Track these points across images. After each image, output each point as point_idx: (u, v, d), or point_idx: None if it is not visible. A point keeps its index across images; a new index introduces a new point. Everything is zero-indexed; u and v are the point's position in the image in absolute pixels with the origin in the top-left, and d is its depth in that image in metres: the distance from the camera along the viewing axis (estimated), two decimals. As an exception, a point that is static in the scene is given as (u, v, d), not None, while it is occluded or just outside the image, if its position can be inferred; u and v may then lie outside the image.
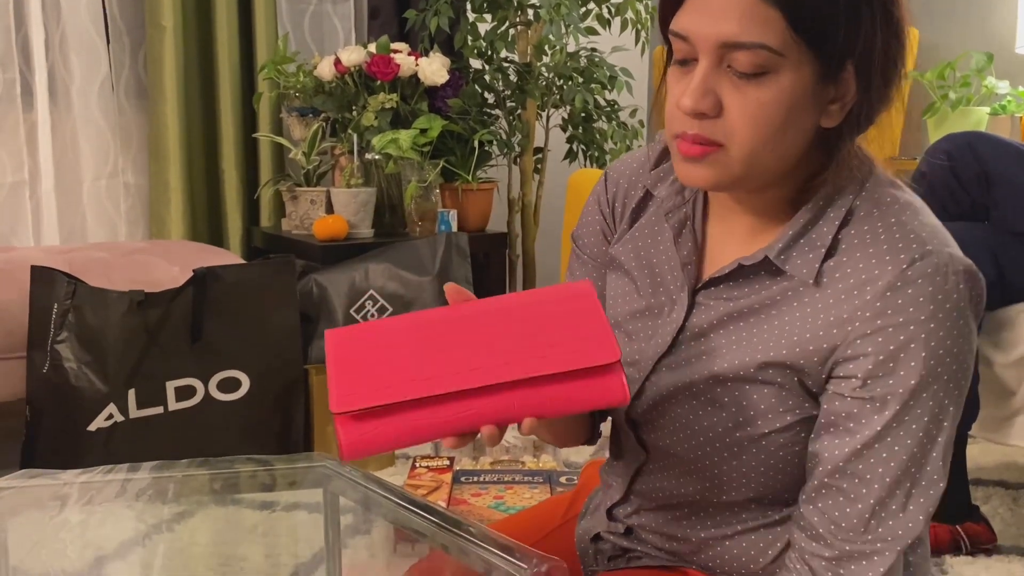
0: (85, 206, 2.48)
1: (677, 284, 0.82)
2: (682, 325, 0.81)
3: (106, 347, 1.69)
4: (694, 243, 0.82)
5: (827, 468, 0.73)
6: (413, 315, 0.73)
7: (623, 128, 2.66)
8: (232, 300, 1.82)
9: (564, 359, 0.66)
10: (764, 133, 0.70)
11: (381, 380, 0.66)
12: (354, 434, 0.66)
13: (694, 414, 0.79)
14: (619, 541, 0.92)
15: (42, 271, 1.73)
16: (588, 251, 0.93)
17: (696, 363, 0.79)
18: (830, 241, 0.74)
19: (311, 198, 2.41)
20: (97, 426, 1.69)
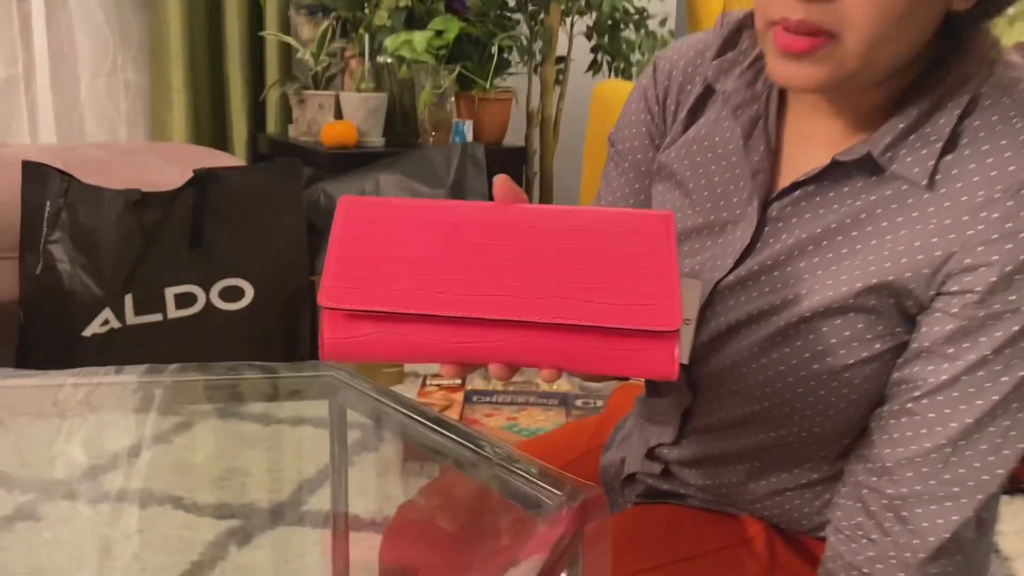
0: (83, 104, 2.37)
1: (744, 196, 0.69)
2: (749, 245, 0.68)
3: (101, 249, 1.60)
4: (767, 147, 0.69)
5: (912, 395, 0.63)
6: (448, 203, 0.58)
7: (652, 38, 2.50)
8: (234, 204, 1.72)
9: (611, 311, 0.53)
10: (888, 19, 0.57)
11: (387, 278, 0.55)
12: (340, 333, 0.55)
13: (759, 348, 0.67)
14: (657, 483, 0.83)
15: (34, 167, 1.63)
16: (630, 157, 0.80)
17: (768, 292, 0.67)
18: (948, 134, 0.61)
19: (319, 102, 2.28)
20: (92, 331, 1.61)
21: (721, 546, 0.77)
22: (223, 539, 1.23)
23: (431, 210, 0.58)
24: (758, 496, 0.76)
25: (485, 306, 0.53)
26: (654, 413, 0.82)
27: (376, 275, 0.55)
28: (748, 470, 0.75)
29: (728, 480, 0.77)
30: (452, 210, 0.57)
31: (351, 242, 0.56)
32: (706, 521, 0.80)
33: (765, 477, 0.74)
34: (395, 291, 0.54)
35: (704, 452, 0.77)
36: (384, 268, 0.55)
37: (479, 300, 0.53)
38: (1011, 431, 0.61)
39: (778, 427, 0.70)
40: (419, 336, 0.54)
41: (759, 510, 0.77)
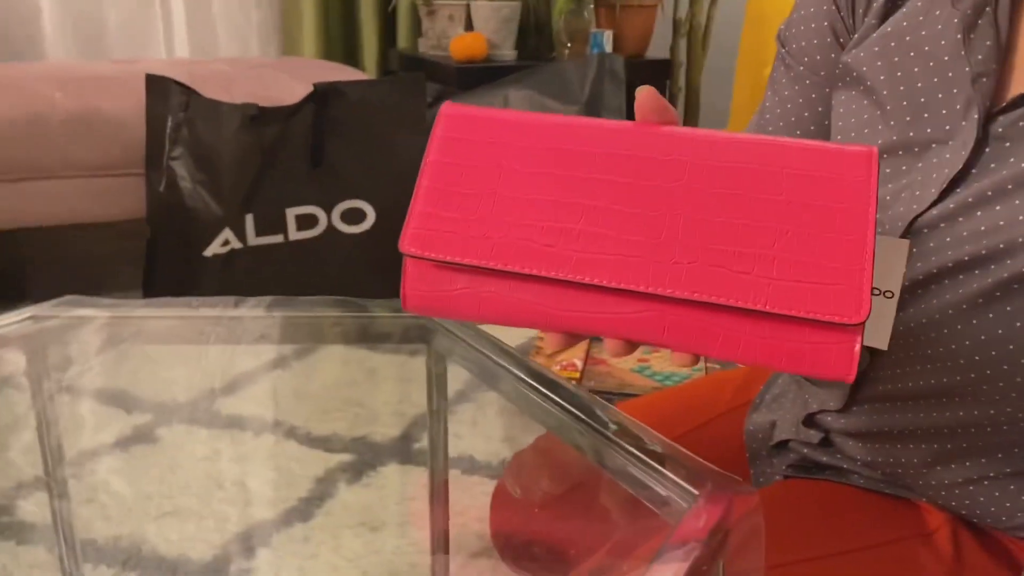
0: (215, 19, 2.33)
1: (959, 106, 0.53)
2: (963, 171, 0.52)
3: (220, 166, 1.55)
4: (996, 43, 0.52)
5: None
6: (574, 121, 0.45)
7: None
8: (356, 121, 1.62)
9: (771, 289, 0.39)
10: None
11: (487, 221, 0.43)
12: (424, 287, 0.44)
13: (969, 304, 0.52)
14: (813, 454, 0.68)
15: (156, 80, 1.59)
16: (806, 59, 0.64)
17: (985, 232, 0.51)
18: None
19: (449, 13, 2.15)
20: (213, 252, 1.58)
21: (892, 538, 0.63)
22: (333, 474, 1.18)
23: (552, 131, 0.44)
24: (944, 483, 0.60)
25: (604, 268, 0.41)
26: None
27: (473, 217, 0.43)
28: (934, 452, 0.60)
29: (908, 460, 0.62)
30: (578, 131, 0.44)
31: (446, 170, 0.44)
32: (874, 506, 0.65)
33: (956, 461, 0.59)
34: (495, 240, 0.42)
35: (879, 425, 0.62)
36: (483, 208, 0.43)
37: (598, 259, 0.41)
38: None
39: (983, 405, 0.54)
40: (521, 298, 0.42)
41: (944, 499, 0.62)
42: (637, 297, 0.40)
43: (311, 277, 1.65)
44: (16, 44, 2.17)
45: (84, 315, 0.63)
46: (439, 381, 0.68)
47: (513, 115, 0.45)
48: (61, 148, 1.60)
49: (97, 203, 1.67)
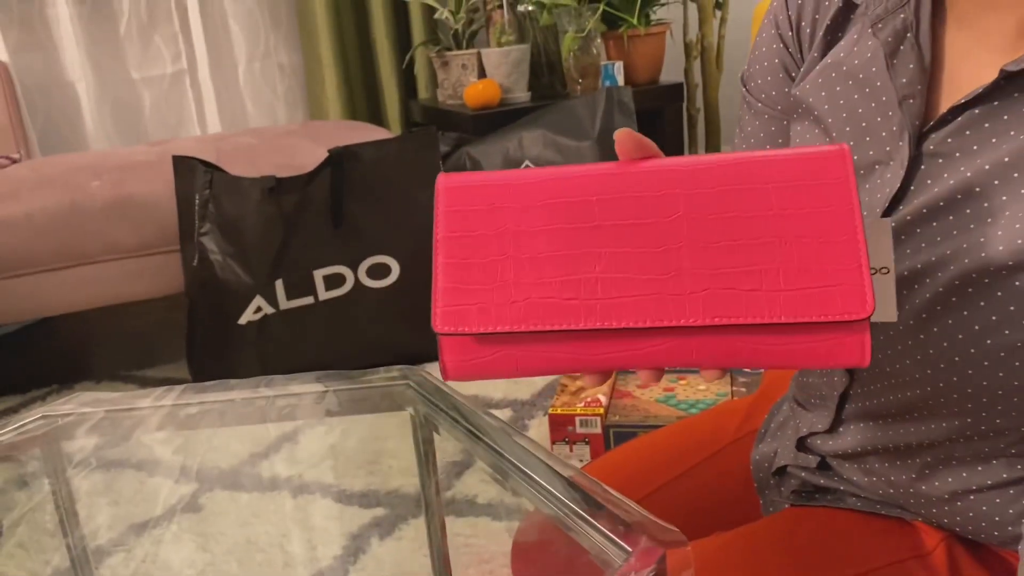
0: (243, 91, 2.44)
1: (895, 128, 0.55)
2: (901, 189, 0.55)
3: (246, 237, 1.62)
4: (919, 64, 0.54)
5: None
6: (563, 172, 0.47)
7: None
8: (373, 179, 1.68)
9: (781, 301, 0.42)
10: None
11: (507, 286, 0.46)
12: (463, 357, 0.47)
13: (923, 315, 0.53)
14: (811, 477, 0.70)
15: (182, 161, 1.67)
16: (763, 96, 0.67)
17: (926, 245, 0.53)
18: None
19: (462, 62, 2.21)
20: (247, 319, 1.65)
21: (890, 560, 0.64)
22: (366, 530, 1.21)
23: (546, 186, 0.47)
24: (935, 499, 0.61)
25: (627, 310, 0.44)
26: (808, 395, 0.69)
27: (494, 284, 0.46)
28: (921, 466, 0.60)
29: (897, 478, 0.62)
30: (571, 182, 0.46)
31: (458, 244, 0.47)
32: (871, 529, 0.66)
33: (942, 475, 0.60)
34: (519, 304, 0.45)
35: (865, 443, 0.63)
36: (501, 273, 0.46)
37: (619, 303, 0.44)
38: None
39: (952, 414, 0.55)
40: (553, 351, 0.45)
41: (937, 516, 0.62)
42: (662, 331, 0.43)
43: (343, 334, 1.70)
44: (62, 136, 2.30)
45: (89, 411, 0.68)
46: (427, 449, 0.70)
47: (506, 177, 0.48)
48: (100, 234, 1.70)
49: (138, 282, 1.76)
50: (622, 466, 0.83)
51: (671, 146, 2.29)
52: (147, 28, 2.34)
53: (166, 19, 2.34)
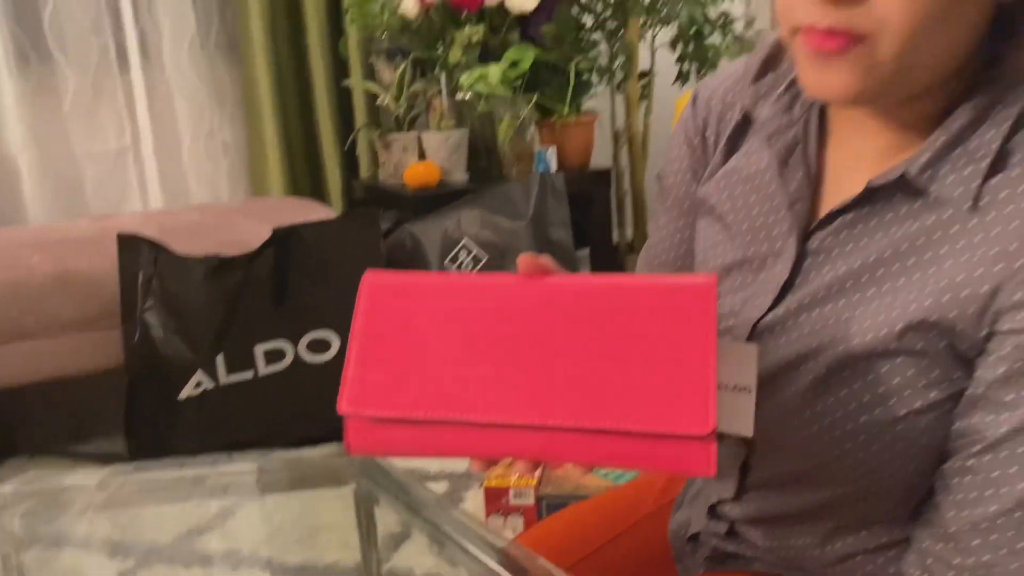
0: (186, 168, 2.48)
1: (783, 228, 0.64)
2: (789, 280, 0.63)
3: (189, 314, 1.66)
4: (806, 174, 0.63)
5: (973, 450, 0.55)
6: (473, 280, 0.56)
7: (739, 42, 2.39)
8: (316, 258, 1.74)
9: (640, 413, 0.49)
10: (925, 17, 0.50)
11: (409, 377, 0.52)
12: (363, 437, 0.53)
13: (806, 396, 0.61)
14: (721, 544, 0.76)
15: (127, 239, 1.71)
16: (674, 193, 0.76)
17: (807, 331, 0.61)
18: (996, 150, 0.54)
19: (403, 144, 2.30)
20: (187, 394, 1.67)
21: None
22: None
23: (457, 292, 0.55)
24: (828, 561, 0.68)
25: (509, 408, 0.51)
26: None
27: (398, 374, 0.53)
28: (814, 531, 0.68)
29: (795, 542, 0.70)
30: (478, 290, 0.55)
31: (372, 336, 0.54)
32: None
33: (832, 541, 0.67)
34: (417, 394, 0.52)
35: (767, 510, 0.70)
36: (406, 366, 0.53)
37: (503, 400, 0.51)
38: None
39: (837, 484, 0.63)
40: (444, 437, 0.52)
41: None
42: (534, 429, 0.50)
43: (282, 408, 1.73)
44: (0, 209, 2.31)
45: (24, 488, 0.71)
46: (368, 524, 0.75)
47: (426, 279, 0.56)
48: (41, 309, 1.71)
49: (78, 357, 1.77)
50: (552, 536, 0.89)
51: (600, 225, 2.41)
52: (92, 104, 2.38)
53: (111, 96, 2.39)
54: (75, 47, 2.33)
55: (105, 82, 2.38)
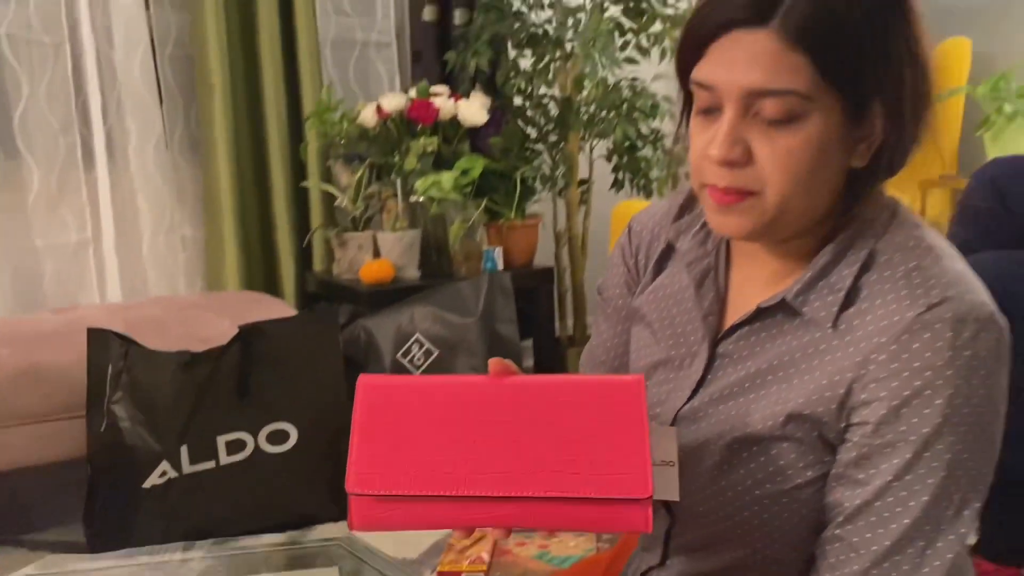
0: (145, 261, 2.57)
1: (698, 336, 0.81)
2: (702, 378, 0.79)
3: (157, 406, 1.74)
4: (716, 294, 0.81)
5: (838, 520, 0.71)
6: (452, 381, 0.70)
7: (668, 155, 2.63)
8: (278, 354, 1.85)
9: (594, 483, 0.64)
10: (797, 178, 0.69)
11: (405, 461, 0.65)
12: (367, 513, 0.66)
13: (716, 471, 0.77)
14: None
15: (97, 333, 1.80)
16: (613, 303, 0.93)
17: (715, 419, 0.77)
18: (849, 285, 0.72)
19: (359, 243, 2.45)
20: (152, 483, 1.74)
21: None
22: None
23: (440, 390, 0.69)
24: None
25: (488, 484, 0.64)
26: (644, 538, 0.90)
27: (395, 459, 0.66)
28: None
29: None
30: (454, 388, 0.69)
31: (371, 428, 0.67)
32: None
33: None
34: (412, 475, 0.65)
35: (688, 572, 0.84)
36: (401, 452, 0.66)
37: (483, 478, 0.64)
38: (927, 551, 0.68)
39: (744, 545, 0.77)
40: (435, 511, 0.65)
41: None
42: (509, 499, 0.64)
43: (242, 496, 1.80)
44: (-44, 299, 2.35)
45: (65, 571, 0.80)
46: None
47: (411, 381, 0.70)
48: (8, 401, 1.77)
49: (40, 447, 1.83)
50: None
51: (545, 319, 2.57)
52: (55, 199, 2.47)
53: (75, 191, 2.48)
54: (43, 145, 2.43)
55: (70, 178, 2.47)
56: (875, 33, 0.67)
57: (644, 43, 2.55)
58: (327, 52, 2.78)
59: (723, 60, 0.69)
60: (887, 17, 0.68)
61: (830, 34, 0.66)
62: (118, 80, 2.49)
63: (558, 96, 2.61)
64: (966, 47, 2.44)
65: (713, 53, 0.70)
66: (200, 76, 2.53)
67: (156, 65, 2.54)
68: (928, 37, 0.72)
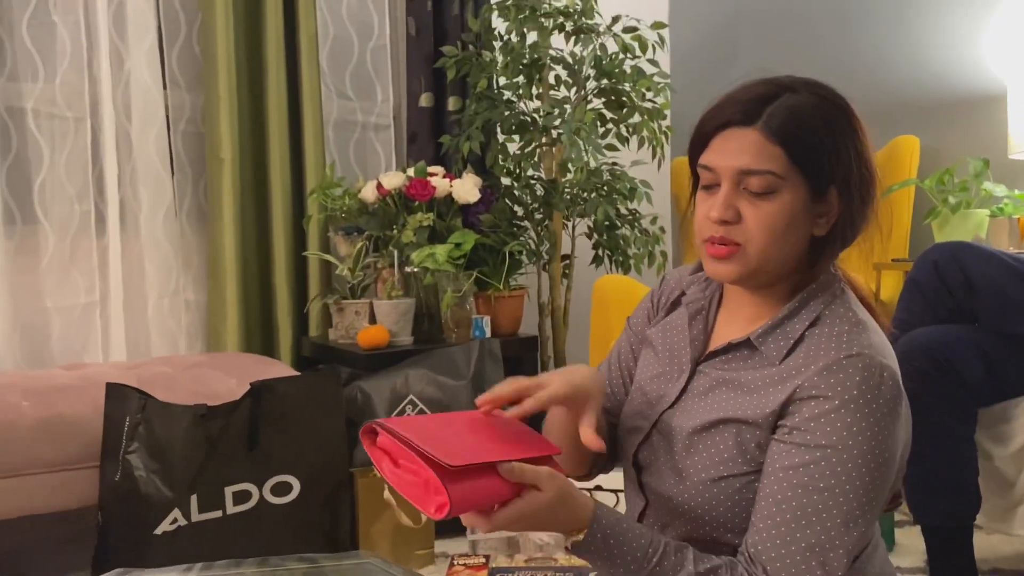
0: (150, 322, 2.69)
1: (686, 358, 1.04)
2: (685, 387, 1.02)
3: (172, 456, 1.86)
4: (704, 326, 1.05)
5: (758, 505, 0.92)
6: (439, 415, 0.95)
7: (645, 234, 2.83)
8: (285, 410, 1.98)
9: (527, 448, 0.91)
10: (772, 235, 0.93)
11: (458, 447, 0.85)
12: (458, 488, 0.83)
13: (678, 457, 0.98)
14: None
15: (116, 388, 1.92)
16: (635, 329, 1.17)
17: (686, 417, 0.99)
18: (799, 335, 0.95)
19: (356, 309, 2.60)
20: (163, 529, 1.84)
21: None
22: None
23: (446, 418, 0.95)
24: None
25: (479, 455, 0.87)
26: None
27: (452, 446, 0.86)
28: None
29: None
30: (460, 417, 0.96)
31: (418, 434, 0.87)
32: None
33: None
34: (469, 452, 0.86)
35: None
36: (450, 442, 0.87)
37: (477, 454, 0.87)
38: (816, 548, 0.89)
39: (699, 524, 0.97)
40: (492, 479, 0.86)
41: None
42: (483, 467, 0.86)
43: (246, 545, 1.90)
44: (-34, 355, 2.45)
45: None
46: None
47: (407, 417, 0.91)
48: (28, 450, 1.88)
49: (53, 495, 1.92)
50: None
51: (528, 387, 2.71)
52: (67, 263, 2.61)
53: (87, 256, 2.62)
54: (59, 212, 2.58)
55: (82, 243, 2.61)
56: (830, 136, 0.94)
57: (624, 132, 2.78)
58: (329, 132, 2.98)
59: (721, 149, 0.95)
60: (840, 126, 0.95)
61: (798, 134, 0.92)
62: (133, 153, 2.67)
63: (544, 178, 2.82)
64: (915, 144, 2.70)
65: (714, 144, 0.96)
66: (210, 151, 2.71)
67: (170, 140, 2.72)
68: (871, 143, 0.97)
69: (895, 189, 2.52)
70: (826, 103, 0.95)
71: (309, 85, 2.82)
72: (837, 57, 3.00)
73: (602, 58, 2.70)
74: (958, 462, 1.57)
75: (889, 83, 2.89)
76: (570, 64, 2.74)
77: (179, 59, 2.77)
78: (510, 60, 2.69)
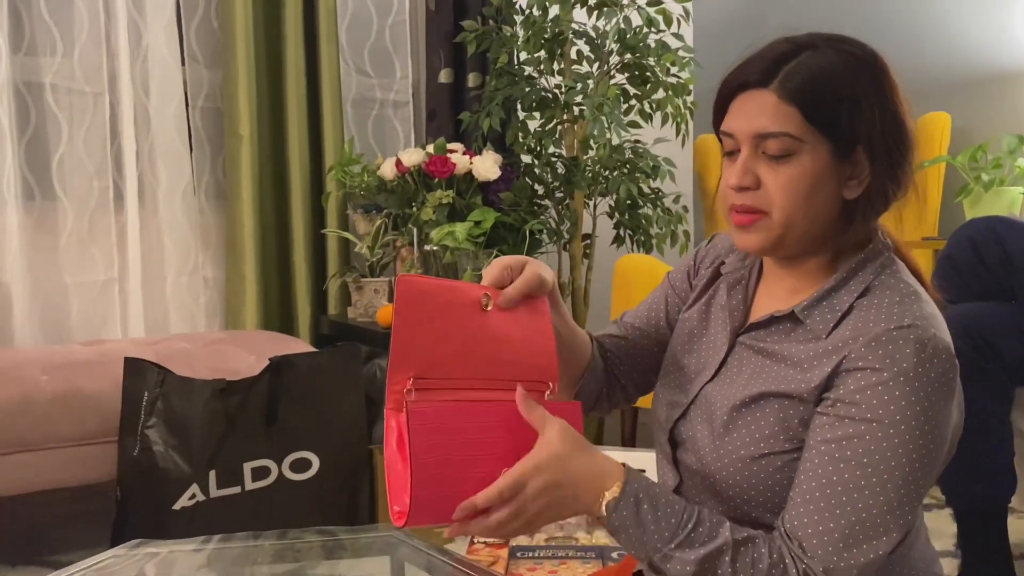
0: (168, 300, 2.68)
1: (727, 329, 1.00)
2: (724, 359, 0.98)
3: (191, 431, 1.84)
4: (744, 297, 1.01)
5: (801, 477, 0.87)
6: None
7: (667, 214, 2.79)
8: (304, 386, 1.96)
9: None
10: (796, 199, 0.88)
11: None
12: (426, 504, 0.82)
13: (717, 433, 0.94)
14: None
15: (135, 362, 1.91)
16: (672, 283, 1.13)
17: (727, 391, 0.95)
18: (847, 307, 0.90)
19: (375, 287, 2.58)
20: (181, 505, 1.83)
21: None
22: None
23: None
24: None
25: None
26: None
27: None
28: None
29: None
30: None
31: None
32: None
33: None
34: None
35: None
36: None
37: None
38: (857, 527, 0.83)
39: (738, 501, 0.92)
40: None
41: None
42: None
43: (264, 521, 1.89)
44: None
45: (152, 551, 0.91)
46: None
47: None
48: (46, 424, 1.87)
49: (71, 470, 1.92)
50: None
51: (548, 367, 2.68)
52: (86, 240, 2.60)
53: (105, 233, 2.61)
54: (77, 188, 2.57)
55: (100, 220, 2.60)
56: (851, 93, 0.88)
57: (647, 109, 2.73)
58: (348, 109, 2.95)
59: (738, 113, 0.91)
60: (863, 82, 0.89)
61: (813, 93, 0.87)
62: (152, 129, 2.65)
63: (565, 155, 2.78)
64: (946, 121, 2.63)
65: (732, 108, 0.92)
66: (229, 127, 2.68)
67: (188, 116, 2.70)
68: (904, 100, 0.91)
69: (927, 165, 2.46)
70: (850, 59, 0.89)
71: (328, 61, 2.79)
72: (866, 32, 2.93)
73: (625, 32, 2.65)
74: (994, 443, 1.52)
75: (920, 59, 2.82)
76: (593, 38, 2.69)
77: (197, 34, 2.74)
78: (531, 35, 2.65)
